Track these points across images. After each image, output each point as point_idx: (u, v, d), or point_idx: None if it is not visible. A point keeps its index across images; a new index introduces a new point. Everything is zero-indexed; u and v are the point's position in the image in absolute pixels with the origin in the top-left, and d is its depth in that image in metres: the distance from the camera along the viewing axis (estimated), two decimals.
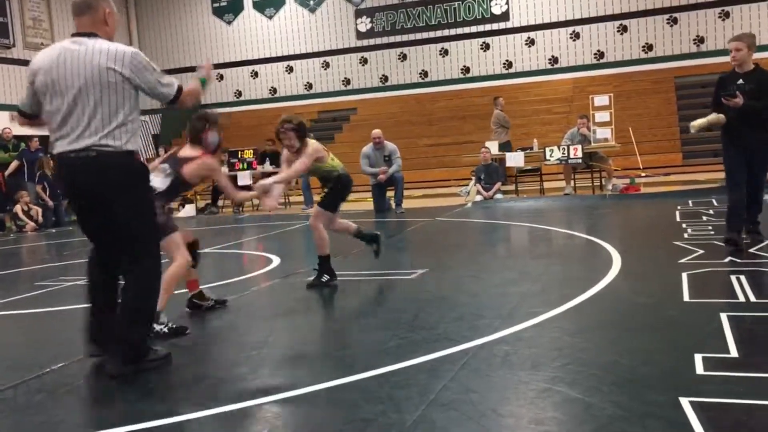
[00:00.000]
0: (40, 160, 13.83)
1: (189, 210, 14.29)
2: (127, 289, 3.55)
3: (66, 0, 18.98)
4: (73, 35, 3.53)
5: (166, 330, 4.18)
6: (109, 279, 3.71)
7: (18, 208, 13.16)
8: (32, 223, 13.12)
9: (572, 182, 12.38)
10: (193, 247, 4.81)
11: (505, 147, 13.62)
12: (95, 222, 3.56)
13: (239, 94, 21.25)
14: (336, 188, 5.68)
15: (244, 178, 13.49)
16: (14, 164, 13.84)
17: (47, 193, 13.71)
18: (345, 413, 2.78)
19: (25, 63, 17.68)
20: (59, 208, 13.87)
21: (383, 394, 2.96)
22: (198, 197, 15.03)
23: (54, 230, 12.89)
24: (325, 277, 5.49)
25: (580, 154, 11.84)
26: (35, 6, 18.14)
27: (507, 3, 18.66)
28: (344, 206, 6.09)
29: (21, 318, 5.33)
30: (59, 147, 3.47)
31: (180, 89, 3.60)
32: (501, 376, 3.10)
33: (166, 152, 16.01)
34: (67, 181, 3.54)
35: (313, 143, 5.50)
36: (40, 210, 13.44)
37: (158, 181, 4.44)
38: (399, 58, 19.72)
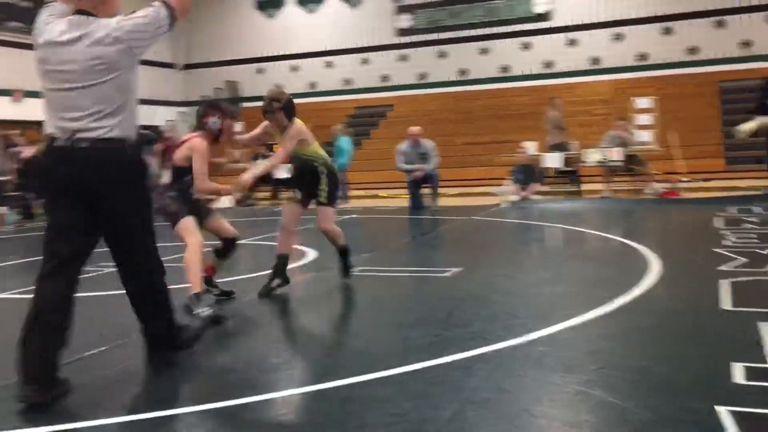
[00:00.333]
0: None
1: (226, 201, 14.46)
2: (135, 287, 3.49)
3: None
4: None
5: (208, 312, 4.24)
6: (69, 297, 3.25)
7: None
8: None
9: (610, 185, 12.23)
10: (231, 242, 4.90)
11: (559, 148, 13.38)
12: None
13: (278, 87, 21.41)
14: (330, 180, 5.25)
15: (280, 171, 13.58)
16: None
17: None
18: (378, 407, 2.81)
19: None
20: None
21: (417, 389, 2.98)
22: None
23: None
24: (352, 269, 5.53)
25: (620, 156, 11.69)
26: None
27: (550, 3, 18.48)
28: (381, 202, 6.15)
29: None
30: None
31: (168, 5, 3.24)
32: (534, 377, 3.10)
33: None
34: None
35: (297, 124, 5.09)
36: None
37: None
38: (438, 56, 19.68)
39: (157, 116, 20.31)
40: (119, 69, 3.11)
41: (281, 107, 4.96)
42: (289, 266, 6.31)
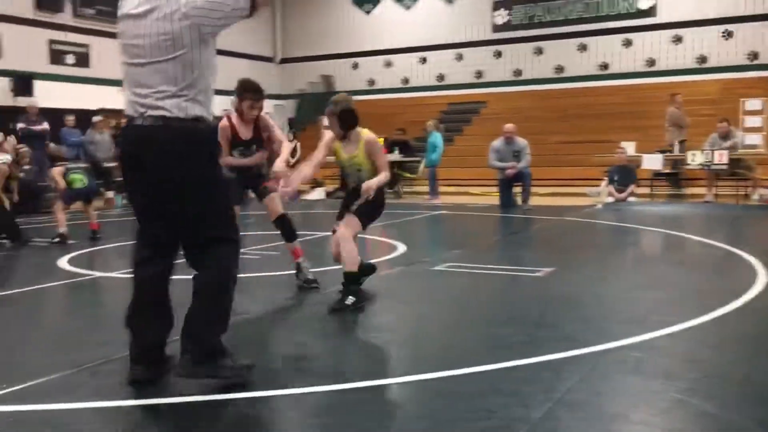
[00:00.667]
0: None
1: (319, 193, 14.77)
2: (201, 278, 3.10)
3: None
4: None
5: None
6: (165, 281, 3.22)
7: None
8: None
9: (714, 189, 11.70)
10: (277, 221, 5.25)
11: (679, 147, 12.78)
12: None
13: (372, 82, 21.62)
14: (378, 200, 4.73)
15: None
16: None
17: None
18: (469, 402, 2.82)
19: None
20: None
21: (508, 388, 2.97)
22: (327, 181, 15.49)
23: None
24: (350, 299, 4.48)
25: (725, 159, 11.17)
26: None
27: None
28: (471, 200, 6.11)
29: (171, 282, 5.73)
30: None
31: None
32: (631, 383, 3.03)
33: (294, 138, 16.66)
34: None
35: (363, 134, 4.69)
36: None
37: None
38: (534, 53, 19.33)
39: None
40: (185, 46, 2.89)
41: (336, 113, 4.66)
42: (379, 259, 6.37)
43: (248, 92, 5.14)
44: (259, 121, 5.28)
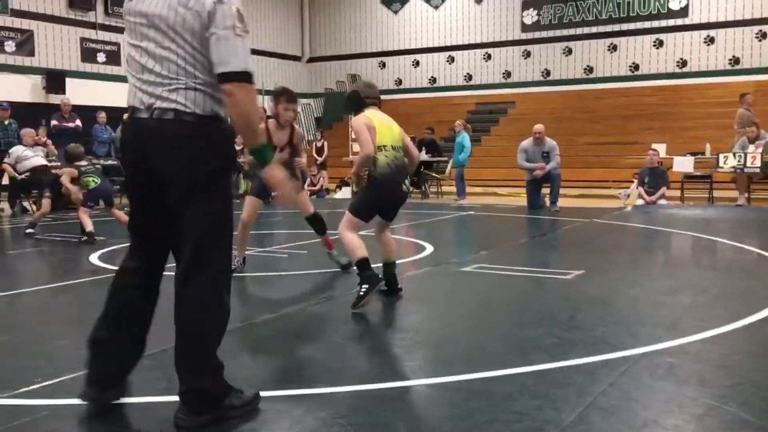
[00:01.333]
0: None
1: (345, 192, 14.81)
2: (184, 313, 2.66)
3: None
4: None
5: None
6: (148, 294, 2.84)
7: None
8: None
9: (747, 193, 11.50)
10: (309, 218, 5.68)
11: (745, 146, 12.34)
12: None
13: (399, 82, 21.62)
14: (369, 186, 4.64)
15: None
16: None
17: None
18: (500, 404, 2.80)
19: None
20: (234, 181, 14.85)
21: (539, 390, 2.95)
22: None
23: None
24: (363, 288, 4.39)
25: (758, 162, 10.97)
26: None
27: None
28: (499, 200, 6.04)
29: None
30: None
31: (250, 77, 2.55)
32: (664, 389, 2.98)
33: (322, 137, 16.70)
34: None
35: (356, 119, 4.66)
36: None
37: None
38: (564, 53, 19.19)
39: None
40: (193, 35, 2.52)
41: (347, 96, 4.82)
42: (407, 259, 6.37)
43: (282, 95, 5.54)
44: (294, 131, 5.67)
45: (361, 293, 4.38)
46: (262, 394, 2.94)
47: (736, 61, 17.20)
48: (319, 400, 2.91)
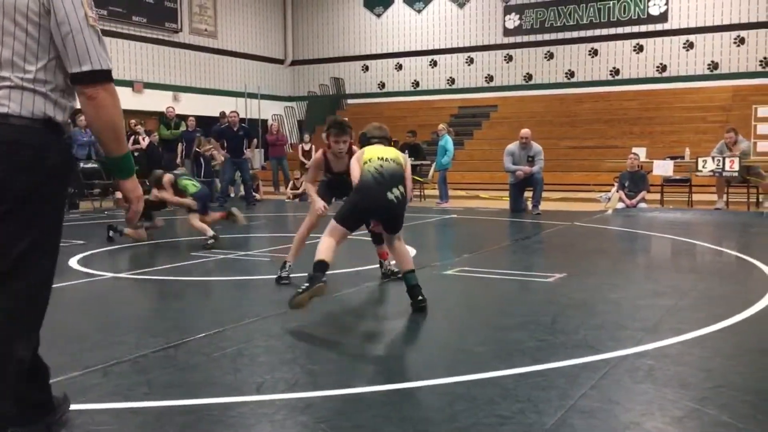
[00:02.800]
0: (198, 139, 14.77)
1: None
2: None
3: None
4: None
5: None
6: None
7: None
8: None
9: (725, 196, 11.64)
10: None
11: None
12: None
13: (382, 85, 21.64)
14: (351, 194, 4.80)
15: None
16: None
17: (202, 171, 14.61)
18: (483, 408, 2.80)
19: (190, 47, 18.97)
20: (212, 185, 14.76)
21: (521, 393, 2.96)
22: None
23: None
24: (303, 286, 4.23)
25: (736, 167, 11.10)
26: None
27: (666, 4, 17.77)
28: (481, 204, 6.11)
29: (179, 284, 5.76)
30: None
31: (111, 75, 2.17)
32: (645, 391, 3.00)
33: (310, 140, 16.67)
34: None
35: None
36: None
37: None
38: (545, 57, 19.32)
39: (264, 110, 20.99)
40: (26, 18, 2.08)
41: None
42: (390, 263, 6.36)
43: (331, 128, 5.44)
44: (353, 157, 5.38)
45: (299, 290, 4.21)
46: (243, 399, 2.92)
47: (714, 66, 17.41)
48: (301, 404, 2.90)
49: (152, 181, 7.89)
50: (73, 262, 6.58)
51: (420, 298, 4.55)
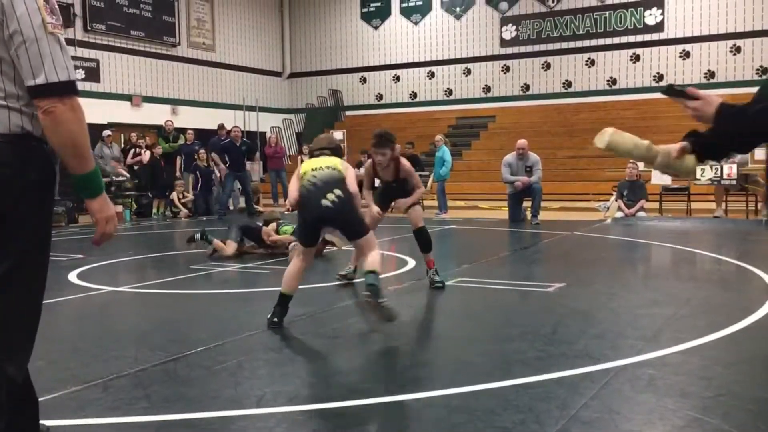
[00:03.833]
0: (198, 154, 14.79)
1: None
2: None
3: (227, 3, 20.23)
4: None
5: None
6: None
7: (174, 196, 14.19)
8: (186, 210, 14.10)
9: (724, 205, 11.65)
10: (416, 232, 5.90)
11: None
12: None
13: (380, 97, 21.69)
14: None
15: None
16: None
17: (199, 183, 14.63)
18: (483, 419, 2.80)
19: (188, 61, 19.03)
20: (210, 197, 14.79)
21: (522, 404, 2.95)
22: None
23: (204, 218, 13.77)
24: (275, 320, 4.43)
25: (735, 175, 11.12)
26: (200, 7, 19.44)
27: (662, 13, 17.86)
28: (480, 214, 6.05)
29: (179, 297, 5.75)
30: None
31: (75, 86, 1.99)
32: (646, 401, 3.00)
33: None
34: None
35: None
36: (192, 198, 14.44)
37: None
38: (542, 67, 19.38)
39: (262, 123, 21.03)
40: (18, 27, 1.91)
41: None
42: (388, 274, 6.37)
43: (372, 139, 5.73)
44: (399, 166, 5.84)
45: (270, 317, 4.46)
46: (243, 412, 2.91)
47: (711, 74, 17.48)
48: (301, 417, 2.89)
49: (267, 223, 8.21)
50: (73, 276, 6.58)
51: (367, 293, 4.30)
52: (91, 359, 3.82)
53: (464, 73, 20.42)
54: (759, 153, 11.77)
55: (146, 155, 14.54)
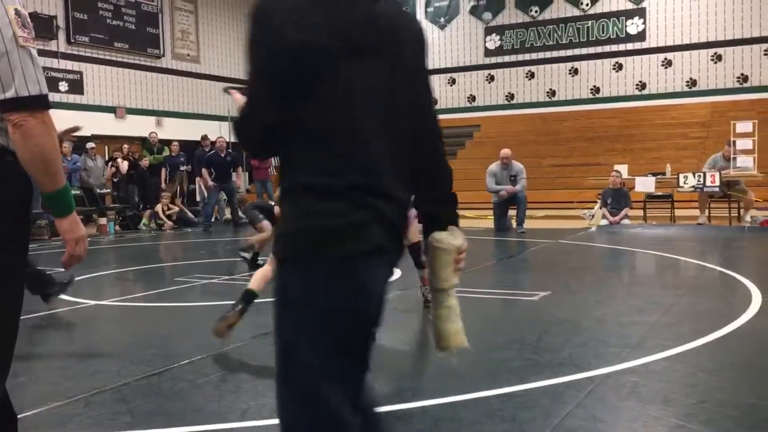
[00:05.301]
0: (181, 176, 14.77)
1: None
2: None
3: (211, 14, 20.23)
4: None
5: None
6: None
7: (159, 208, 14.12)
8: (170, 223, 14.03)
9: (707, 211, 11.75)
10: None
11: None
12: None
13: None
14: None
15: None
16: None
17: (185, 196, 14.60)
18: (468, 429, 2.80)
19: (173, 72, 18.98)
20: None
21: (507, 413, 2.96)
22: None
23: (189, 230, 13.71)
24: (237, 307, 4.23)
25: (717, 182, 11.23)
26: (184, 19, 19.42)
27: (644, 23, 18.05)
28: (466, 223, 5.97)
29: (163, 310, 5.72)
30: None
31: (46, 101, 1.94)
32: (630, 408, 3.01)
33: None
34: None
35: None
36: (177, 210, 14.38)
37: None
38: (526, 77, 19.51)
39: None
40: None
41: None
42: None
43: None
44: None
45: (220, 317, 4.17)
46: (228, 426, 2.89)
47: (693, 83, 17.67)
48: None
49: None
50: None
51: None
52: (73, 374, 3.79)
53: (449, 83, 20.52)
54: (741, 160, 11.91)
55: (124, 165, 14.47)
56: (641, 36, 18.10)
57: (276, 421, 2.97)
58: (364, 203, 1.50)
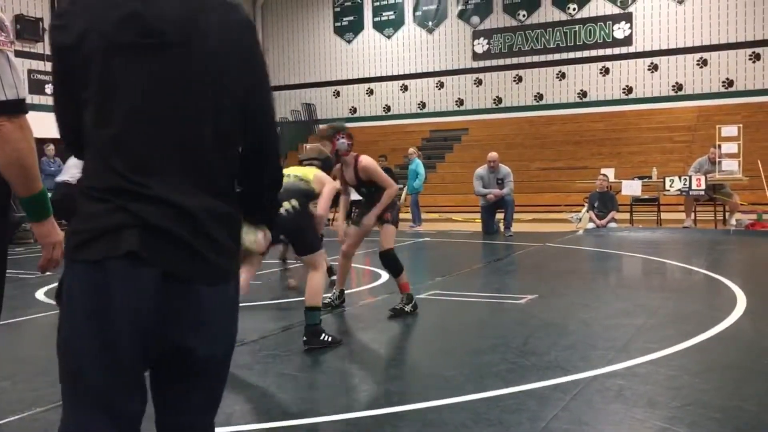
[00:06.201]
0: None
1: None
2: None
3: None
4: None
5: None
6: None
7: None
8: None
9: (693, 215, 11.83)
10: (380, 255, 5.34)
11: None
12: None
13: (354, 110, 21.74)
14: None
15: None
16: None
17: None
18: None
19: None
20: None
21: (493, 417, 2.96)
22: None
23: None
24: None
25: (703, 185, 11.31)
26: None
27: (631, 27, 18.17)
28: (454, 226, 6.11)
29: None
30: None
31: (23, 105, 1.95)
32: (615, 411, 3.02)
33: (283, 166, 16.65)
34: None
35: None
36: None
37: None
38: (514, 80, 19.58)
39: None
40: None
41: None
42: (362, 287, 6.36)
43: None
44: (357, 166, 5.51)
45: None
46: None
47: (679, 87, 17.79)
48: None
49: None
50: (40, 294, 6.46)
51: (305, 338, 4.25)
52: (55, 379, 3.72)
53: (437, 87, 20.56)
54: (726, 164, 12.00)
55: None
56: (628, 40, 18.22)
57: (263, 425, 2.96)
58: (122, 207, 1.45)
